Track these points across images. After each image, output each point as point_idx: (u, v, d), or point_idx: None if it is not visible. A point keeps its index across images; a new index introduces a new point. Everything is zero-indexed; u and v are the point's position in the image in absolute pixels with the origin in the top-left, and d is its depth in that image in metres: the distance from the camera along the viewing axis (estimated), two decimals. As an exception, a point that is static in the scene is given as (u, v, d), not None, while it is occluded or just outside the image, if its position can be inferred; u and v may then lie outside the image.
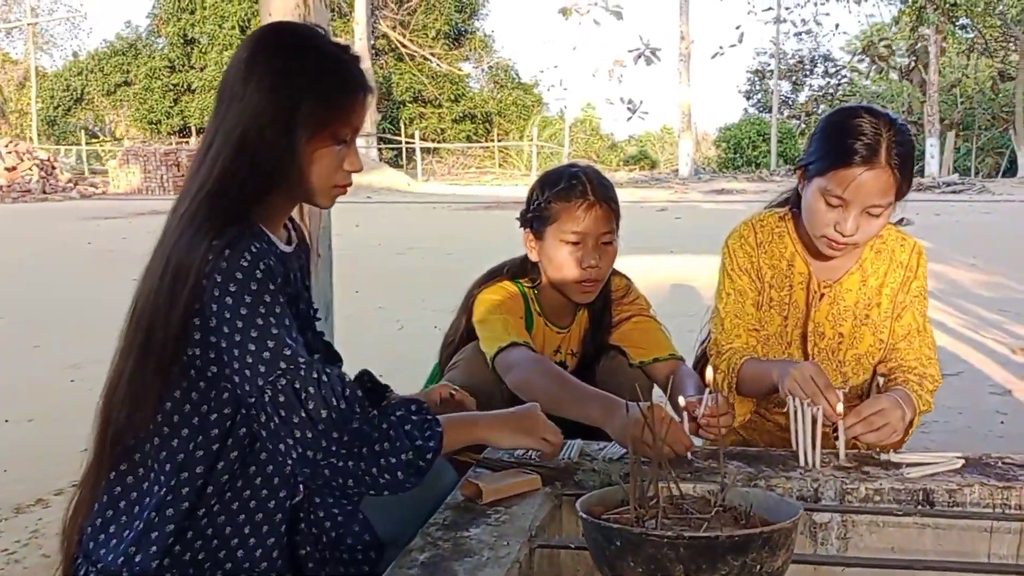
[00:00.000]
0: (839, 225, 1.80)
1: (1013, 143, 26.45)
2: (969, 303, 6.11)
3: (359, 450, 1.32)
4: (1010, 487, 1.51)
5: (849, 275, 1.98)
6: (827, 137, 1.84)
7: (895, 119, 1.81)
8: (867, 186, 1.76)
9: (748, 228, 2.04)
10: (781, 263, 2.00)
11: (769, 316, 2.02)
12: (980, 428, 3.43)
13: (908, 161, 1.80)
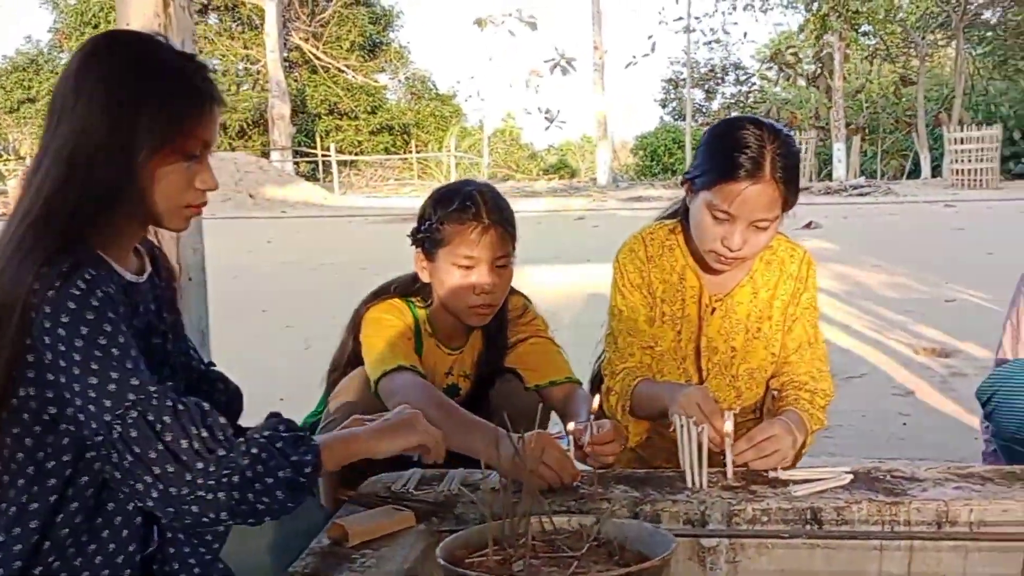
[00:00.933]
0: (726, 240, 1.77)
1: (916, 146, 27.42)
2: (874, 304, 6.24)
3: (229, 479, 1.20)
4: (898, 503, 1.48)
5: (740, 288, 1.94)
6: (712, 150, 1.81)
7: (779, 130, 1.79)
8: (753, 201, 1.73)
9: (638, 242, 1.99)
10: (672, 277, 1.96)
11: (662, 332, 1.97)
12: (883, 430, 3.47)
13: (792, 173, 1.77)
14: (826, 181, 24.14)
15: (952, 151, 22.51)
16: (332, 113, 32.98)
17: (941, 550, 1.47)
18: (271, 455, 1.24)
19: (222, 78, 32.06)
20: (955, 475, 1.58)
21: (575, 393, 2.05)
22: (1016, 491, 1.49)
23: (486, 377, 2.13)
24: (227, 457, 1.21)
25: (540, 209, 19.18)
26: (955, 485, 1.53)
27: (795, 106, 31.07)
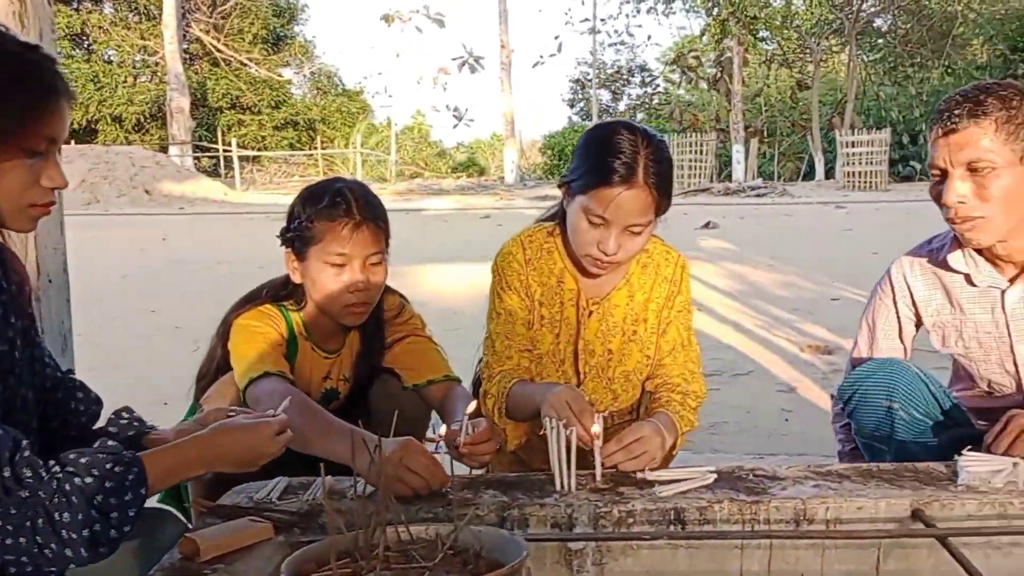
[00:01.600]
0: (602, 244, 1.78)
1: (811, 149, 28.40)
2: (765, 303, 6.42)
3: (31, 523, 1.14)
4: (759, 501, 1.51)
5: (617, 291, 1.96)
6: (588, 155, 1.81)
7: (653, 136, 1.80)
8: (627, 206, 1.74)
9: (516, 245, 1.98)
10: (551, 280, 1.96)
11: (541, 334, 1.97)
12: (766, 426, 3.55)
13: (665, 179, 1.79)
14: (726, 182, 24.76)
15: (844, 154, 23.38)
16: (234, 107, 32.17)
17: (799, 547, 1.50)
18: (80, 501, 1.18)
19: (118, 69, 30.92)
20: (814, 473, 1.62)
21: (454, 391, 2.03)
22: (871, 489, 1.54)
23: (365, 379, 2.10)
24: (33, 499, 1.15)
25: (447, 207, 19.14)
26: (814, 483, 1.57)
27: (697, 108, 31.77)
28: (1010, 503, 1.46)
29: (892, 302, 1.98)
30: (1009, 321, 1.82)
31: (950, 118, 1.67)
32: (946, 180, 1.71)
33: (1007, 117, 1.65)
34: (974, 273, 1.84)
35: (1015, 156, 1.67)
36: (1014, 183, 1.67)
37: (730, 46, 25.77)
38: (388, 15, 31.93)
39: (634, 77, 37.19)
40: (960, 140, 1.67)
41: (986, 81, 1.76)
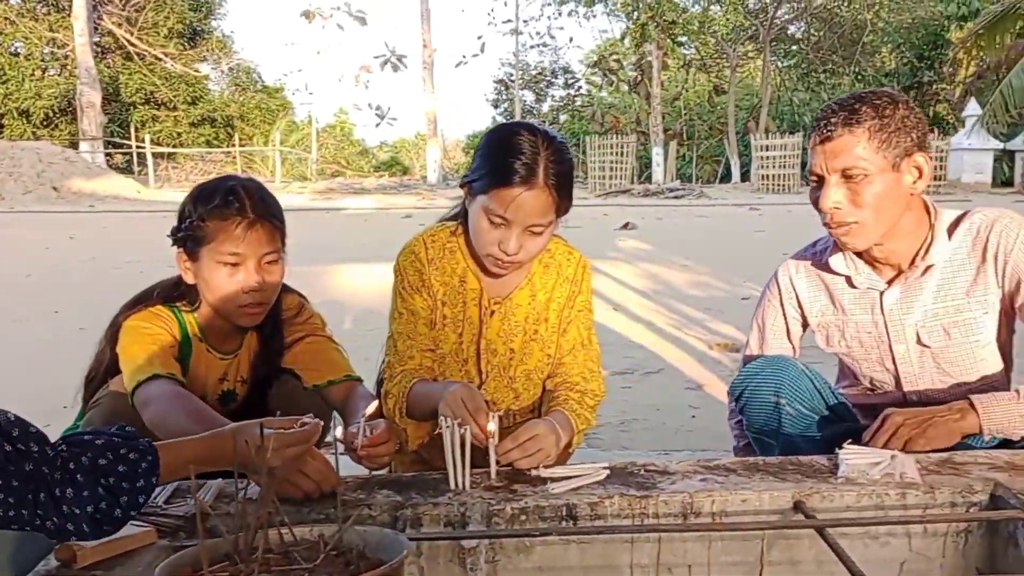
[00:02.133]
0: (503, 244, 1.78)
1: (727, 152, 29.07)
2: (678, 302, 6.53)
3: (33, 496, 1.16)
4: (648, 496, 1.53)
5: (519, 290, 1.96)
6: (489, 155, 1.81)
7: (554, 137, 1.81)
8: (527, 206, 1.75)
9: (419, 244, 1.97)
10: (453, 279, 1.95)
11: (444, 334, 1.97)
12: (674, 423, 3.61)
13: (565, 180, 1.79)
14: (645, 184, 25.15)
15: (758, 157, 23.99)
16: (149, 103, 31.28)
17: (687, 540, 1.54)
18: (88, 481, 1.20)
19: (25, 62, 29.75)
20: (703, 468, 1.66)
21: (355, 391, 2.01)
22: (755, 481, 1.58)
23: (263, 380, 2.07)
24: (34, 471, 1.17)
25: (368, 207, 18.97)
26: (701, 478, 1.61)
27: (619, 110, 32.21)
28: (886, 494, 1.52)
29: (779, 303, 2.04)
30: (887, 322, 1.89)
31: (826, 126, 1.72)
32: (823, 186, 1.76)
33: (880, 125, 1.71)
34: (854, 275, 1.90)
35: (887, 163, 1.72)
36: (886, 189, 1.73)
37: (650, 50, 26.18)
38: (309, 11, 31.51)
39: (557, 79, 37.49)
40: (835, 148, 1.72)
41: (864, 89, 1.81)
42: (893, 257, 1.85)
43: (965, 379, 1.85)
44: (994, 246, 1.79)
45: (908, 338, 1.87)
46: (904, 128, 1.73)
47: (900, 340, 1.89)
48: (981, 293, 1.82)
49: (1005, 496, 1.48)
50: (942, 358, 1.86)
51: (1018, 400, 1.63)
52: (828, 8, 29.55)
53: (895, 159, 1.73)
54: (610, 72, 30.28)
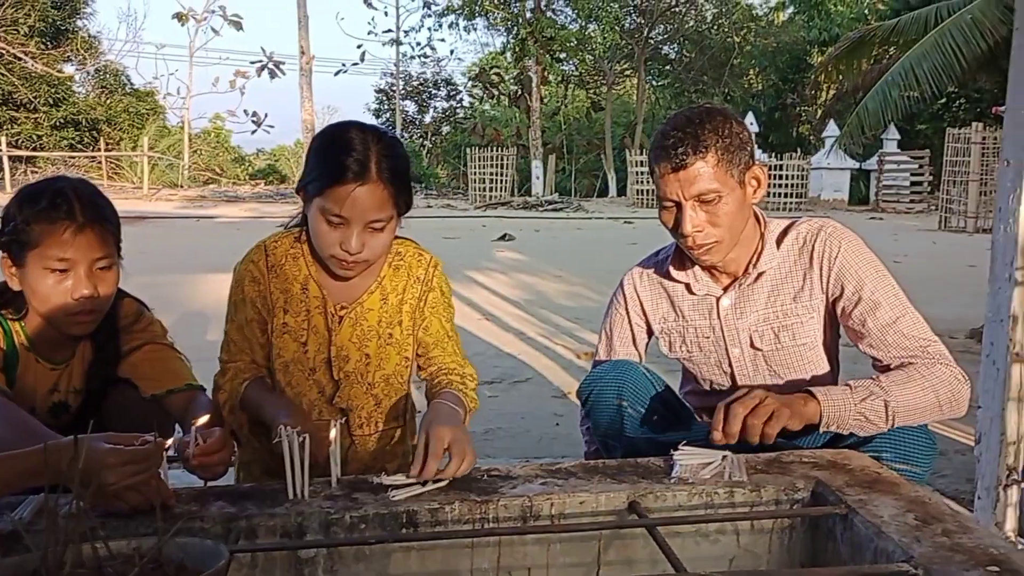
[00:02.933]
0: (344, 244, 1.76)
1: (604, 166, 29.75)
2: (550, 312, 6.63)
3: None
4: (488, 500, 1.54)
5: (370, 294, 1.94)
6: (320, 156, 1.79)
7: (384, 133, 1.82)
8: (363, 202, 1.74)
9: (259, 252, 1.93)
10: (295, 287, 1.92)
11: (284, 342, 1.92)
12: (538, 431, 3.65)
13: (400, 175, 1.79)
14: (525, 196, 25.44)
15: (634, 173, 24.64)
16: (7, 104, 29.52)
17: (527, 543, 1.55)
18: None
19: None
20: (544, 472, 1.68)
21: (196, 400, 1.95)
22: (594, 484, 1.61)
23: (98, 391, 1.98)
24: None
25: (242, 215, 18.48)
26: (542, 481, 1.62)
27: (500, 124, 32.50)
28: (716, 493, 1.58)
29: (625, 311, 2.10)
30: (723, 326, 1.97)
31: (676, 156, 1.78)
32: (680, 211, 1.82)
33: (725, 146, 1.79)
34: (693, 282, 1.99)
35: (735, 181, 1.81)
36: (737, 206, 1.82)
37: (530, 65, 26.55)
38: (182, 14, 30.55)
39: (439, 90, 37.48)
40: (689, 176, 1.78)
41: (692, 108, 1.88)
42: (731, 265, 1.93)
43: (795, 380, 1.95)
44: (820, 254, 1.90)
45: (742, 342, 1.96)
46: (742, 144, 1.82)
47: (735, 344, 1.97)
48: (807, 299, 1.92)
49: (825, 493, 1.55)
50: (773, 360, 1.96)
51: (851, 392, 1.72)
52: (699, 31, 30.73)
53: (739, 176, 1.82)
54: (491, 85, 30.50)
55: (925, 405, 1.73)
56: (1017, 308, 2.07)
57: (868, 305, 1.84)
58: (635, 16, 29.94)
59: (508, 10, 27.83)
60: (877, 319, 1.83)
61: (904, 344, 1.81)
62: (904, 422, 1.73)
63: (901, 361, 1.80)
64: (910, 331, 1.82)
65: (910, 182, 23.01)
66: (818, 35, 30.03)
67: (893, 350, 1.82)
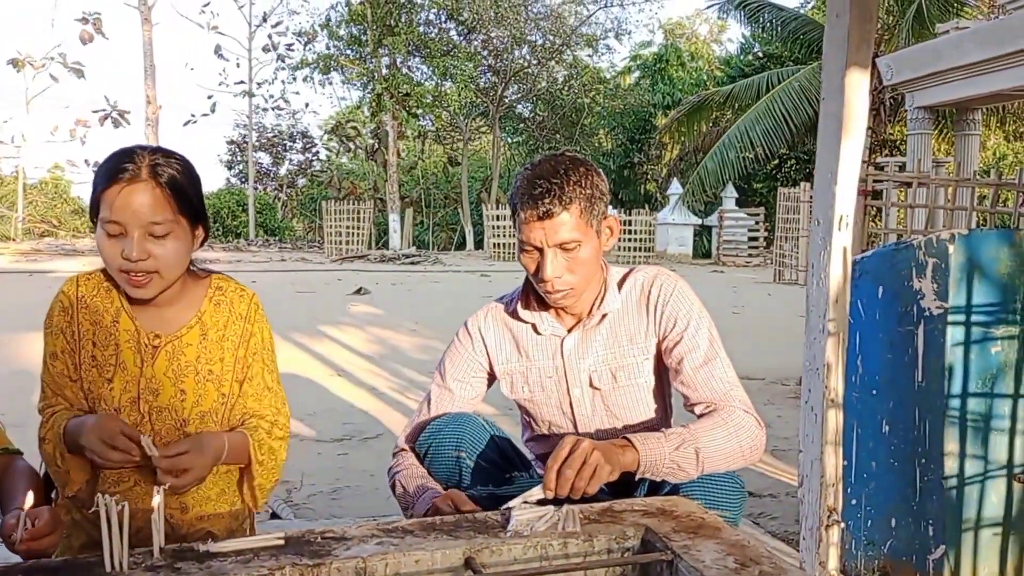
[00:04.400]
0: (125, 252, 1.73)
1: (462, 220, 30.05)
2: (402, 366, 6.58)
3: None
4: (321, 564, 1.49)
5: (189, 329, 1.90)
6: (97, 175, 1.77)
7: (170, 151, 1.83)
8: (135, 202, 1.72)
9: (71, 285, 1.89)
10: (105, 319, 1.86)
11: (91, 376, 1.85)
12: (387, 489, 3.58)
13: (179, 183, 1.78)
14: (382, 249, 25.33)
15: (490, 227, 25.00)
16: None
17: (360, 606, 1.51)
18: None
19: None
20: (381, 531, 1.65)
21: (13, 466, 1.82)
22: (430, 541, 1.59)
23: None
24: None
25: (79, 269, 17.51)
26: (378, 541, 1.60)
27: (357, 177, 32.38)
28: (550, 544, 1.59)
29: (466, 348, 2.12)
30: (566, 366, 2.03)
31: (542, 205, 1.84)
32: (541, 256, 1.88)
33: (587, 196, 1.87)
34: (539, 323, 2.04)
35: (592, 230, 1.90)
36: (593, 253, 1.91)
37: (386, 120, 26.65)
38: (18, 59, 29.02)
39: (295, 142, 36.98)
40: (554, 225, 1.85)
41: (556, 156, 1.95)
42: (576, 307, 2.00)
43: (629, 421, 2.03)
44: (655, 298, 2.00)
45: (583, 382, 2.02)
46: (601, 195, 1.91)
47: (576, 384, 2.03)
48: (642, 340, 2.01)
49: (653, 540, 1.60)
50: (610, 400, 2.03)
51: (665, 439, 1.79)
52: (551, 92, 31.76)
53: (597, 225, 1.91)
54: (348, 139, 30.41)
55: (730, 452, 1.83)
56: (831, 356, 2.22)
57: (687, 346, 1.95)
58: (489, 75, 30.67)
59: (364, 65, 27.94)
60: (692, 360, 1.94)
61: (713, 387, 1.93)
62: (712, 469, 1.83)
63: (707, 401, 1.92)
64: (719, 375, 1.94)
65: (748, 237, 24.36)
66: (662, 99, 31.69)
67: (702, 391, 1.93)
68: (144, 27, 25.66)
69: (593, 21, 31.44)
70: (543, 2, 29.94)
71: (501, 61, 30.01)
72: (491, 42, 29.76)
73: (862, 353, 2.64)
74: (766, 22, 20.65)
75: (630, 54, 36.96)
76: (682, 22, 40.60)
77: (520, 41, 29.54)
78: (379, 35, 26.11)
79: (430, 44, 27.73)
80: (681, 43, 37.49)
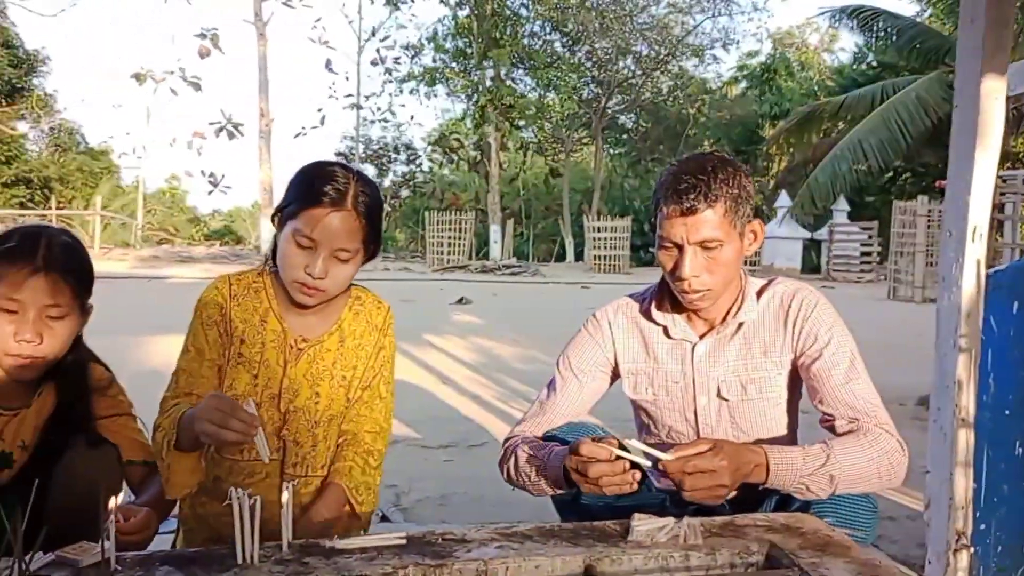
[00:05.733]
0: (309, 267, 1.81)
1: (562, 232, 30.08)
2: (505, 376, 6.61)
3: None
4: (443, 565, 1.51)
5: (329, 335, 1.98)
6: (301, 183, 1.87)
7: (365, 175, 1.91)
8: (334, 227, 1.81)
9: (223, 281, 1.98)
10: (254, 318, 1.95)
11: (237, 373, 1.93)
12: (494, 496, 3.61)
13: (373, 212, 1.87)
14: (483, 260, 25.56)
15: (591, 238, 24.94)
16: (-43, 161, 29.21)
17: (481, 608, 1.52)
18: None
19: None
20: (500, 535, 1.67)
21: (152, 477, 1.96)
22: (549, 547, 1.60)
23: (55, 446, 1.91)
24: None
25: (195, 276, 18.28)
26: (498, 545, 1.61)
27: (459, 188, 32.83)
28: (671, 556, 1.57)
29: (595, 342, 2.09)
30: (695, 373, 1.98)
31: (687, 200, 1.80)
32: (680, 253, 1.85)
33: (734, 196, 1.83)
34: (671, 326, 2.00)
35: (736, 232, 1.85)
36: (735, 255, 1.87)
37: (489, 131, 26.94)
38: (140, 74, 30.54)
39: (399, 154, 37.73)
40: (697, 222, 1.81)
41: (704, 155, 1.91)
42: (711, 312, 1.96)
43: (755, 435, 1.97)
44: (795, 312, 1.94)
45: (710, 390, 1.98)
46: (747, 197, 1.87)
47: (703, 392, 1.98)
48: (777, 355, 1.95)
49: (779, 556, 1.56)
50: (737, 412, 1.97)
51: (802, 459, 1.73)
52: (655, 102, 31.52)
53: (740, 227, 1.86)
54: (451, 150, 30.89)
55: (867, 475, 1.76)
56: (962, 374, 2.12)
57: (828, 363, 1.88)
58: (593, 87, 30.65)
59: (468, 78, 28.32)
60: (833, 378, 1.87)
61: (855, 405, 1.85)
62: (844, 491, 1.76)
63: (849, 420, 1.84)
64: (862, 394, 1.86)
65: (860, 252, 23.57)
66: (769, 109, 31.00)
67: (843, 409, 1.85)
68: (259, 42, 26.65)
69: (700, 31, 31.09)
70: (649, 12, 29.77)
71: (605, 72, 29.96)
72: (595, 53, 29.76)
73: (994, 371, 2.51)
74: (880, 31, 19.92)
75: (737, 64, 36.37)
76: (792, 31, 39.70)
77: (625, 52, 29.46)
78: (484, 47, 26.45)
79: (534, 56, 27.93)
80: (790, 52, 36.65)
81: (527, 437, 2.05)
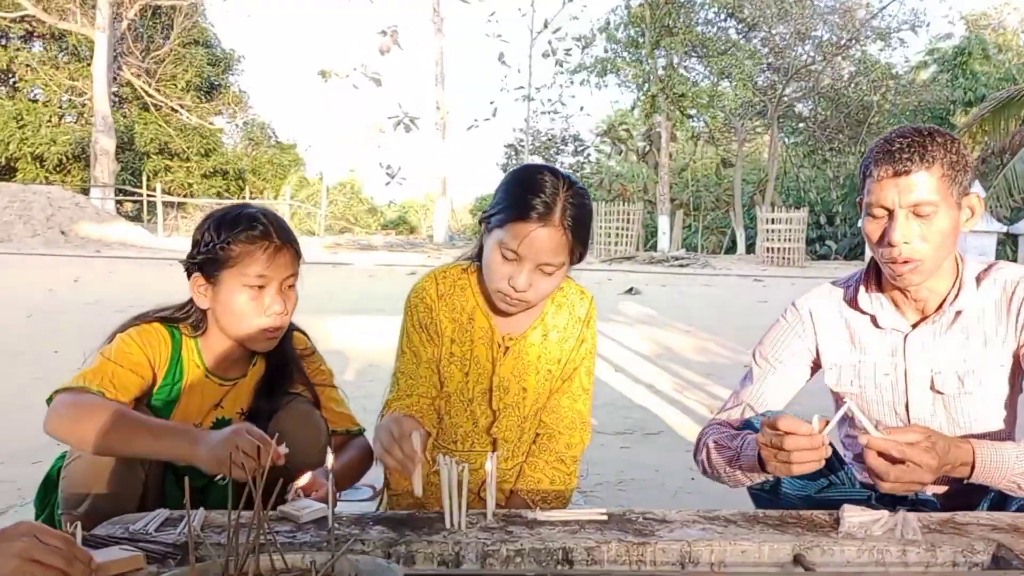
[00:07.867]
0: (512, 279, 1.79)
1: (733, 223, 29.29)
2: (679, 366, 6.51)
3: None
4: (646, 543, 1.50)
5: (532, 329, 1.98)
6: (509, 191, 1.83)
7: (575, 183, 1.83)
8: (540, 243, 1.76)
9: (430, 281, 1.98)
10: (462, 316, 1.97)
11: (450, 372, 1.97)
12: (672, 484, 3.57)
13: (581, 224, 1.81)
14: (651, 251, 25.29)
15: (764, 230, 24.14)
16: (162, 153, 31.70)
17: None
18: None
19: (43, 108, 30.26)
20: (702, 518, 1.63)
21: (351, 442, 2.07)
22: (755, 533, 1.55)
23: (267, 412, 2.04)
24: None
25: (375, 262, 19.06)
26: (701, 527, 1.58)
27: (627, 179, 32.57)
28: (887, 550, 1.49)
29: (796, 331, 1.99)
30: (907, 365, 1.85)
31: (900, 161, 1.68)
32: (890, 221, 1.72)
33: (951, 162, 1.68)
34: (879, 314, 1.86)
35: (953, 200, 1.70)
36: (951, 226, 1.71)
37: (659, 121, 26.58)
38: (325, 71, 32.10)
39: (567, 146, 37.87)
40: (911, 183, 1.67)
41: (917, 125, 1.77)
42: (925, 292, 1.81)
43: (972, 430, 1.82)
44: (1019, 300, 1.78)
45: (924, 384, 1.84)
46: (966, 166, 1.71)
47: (916, 385, 1.85)
48: (999, 346, 1.79)
49: (1008, 557, 1.45)
50: (953, 407, 1.83)
51: (1017, 457, 1.60)
52: (835, 89, 30.08)
53: (958, 197, 1.71)
54: (619, 141, 30.71)
55: None
56: None
57: None
58: (769, 73, 29.62)
59: (640, 67, 28.02)
60: None
61: None
62: None
63: None
64: None
65: (1063, 247, 21.65)
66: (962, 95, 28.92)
67: None
68: (437, 37, 27.42)
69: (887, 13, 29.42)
70: (830, -5, 28.47)
71: (782, 58, 28.88)
72: (772, 39, 28.74)
73: None
74: (1095, 5, 18.15)
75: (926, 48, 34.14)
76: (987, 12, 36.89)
77: (804, 37, 28.27)
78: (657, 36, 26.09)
79: (708, 43, 27.30)
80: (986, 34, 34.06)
81: (720, 427, 1.98)
